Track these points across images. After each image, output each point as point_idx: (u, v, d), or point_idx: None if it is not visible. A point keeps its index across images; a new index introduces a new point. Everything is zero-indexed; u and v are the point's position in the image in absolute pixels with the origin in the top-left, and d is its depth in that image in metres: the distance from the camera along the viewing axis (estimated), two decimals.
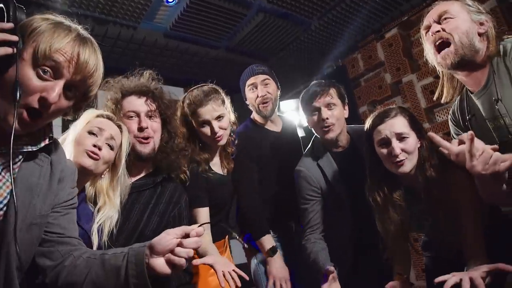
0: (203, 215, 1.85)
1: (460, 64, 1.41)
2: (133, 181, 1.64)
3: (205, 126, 1.89)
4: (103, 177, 1.48)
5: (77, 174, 1.18)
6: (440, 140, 1.30)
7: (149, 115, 1.68)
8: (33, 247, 0.98)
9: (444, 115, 3.57)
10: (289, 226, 2.26)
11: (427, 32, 1.51)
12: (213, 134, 1.88)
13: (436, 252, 1.81)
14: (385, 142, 1.60)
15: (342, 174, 1.99)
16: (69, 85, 0.94)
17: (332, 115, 1.93)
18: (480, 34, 1.42)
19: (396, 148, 1.55)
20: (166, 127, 1.76)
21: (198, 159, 1.91)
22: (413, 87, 3.85)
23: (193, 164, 1.90)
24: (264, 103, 2.24)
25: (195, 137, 1.95)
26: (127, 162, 1.54)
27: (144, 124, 1.64)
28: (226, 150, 2.08)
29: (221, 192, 2.02)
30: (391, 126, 1.59)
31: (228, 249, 2.18)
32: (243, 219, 2.11)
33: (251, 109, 2.36)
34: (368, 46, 4.31)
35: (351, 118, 2.09)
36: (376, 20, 4.03)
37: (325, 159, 2.02)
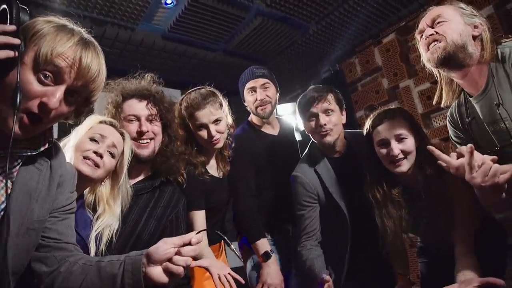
0: (199, 218, 1.84)
1: (447, 60, 1.41)
2: (131, 184, 1.63)
3: (202, 130, 1.89)
4: (103, 184, 1.46)
5: (77, 179, 1.17)
6: (439, 153, 1.31)
7: (150, 119, 1.67)
8: (29, 252, 0.97)
9: (441, 120, 3.58)
10: (286, 229, 2.25)
11: (422, 36, 1.52)
12: (210, 138, 1.87)
13: (431, 252, 1.83)
14: (384, 142, 1.64)
15: (339, 180, 1.98)
16: (70, 90, 0.92)
17: (329, 121, 1.91)
18: (475, 37, 1.43)
19: (395, 148, 1.60)
20: (167, 131, 1.76)
21: (194, 162, 1.90)
22: (410, 93, 3.86)
23: (190, 166, 1.89)
24: (262, 106, 2.24)
25: (191, 140, 1.95)
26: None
27: (144, 128, 1.63)
28: (222, 153, 2.08)
29: (217, 195, 2.01)
30: (390, 127, 1.64)
31: (224, 253, 2.17)
32: (239, 222, 2.11)
33: (249, 111, 2.36)
34: (365, 51, 4.32)
35: (348, 122, 2.08)
36: (373, 25, 4.04)
37: (322, 165, 2.01)
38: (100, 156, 1.37)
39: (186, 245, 0.96)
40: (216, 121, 1.89)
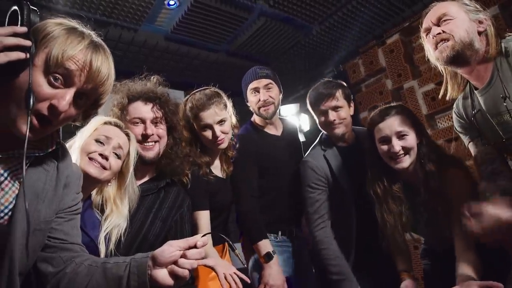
0: (204, 218, 1.84)
1: (456, 58, 1.42)
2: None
3: (207, 130, 1.89)
4: (109, 184, 1.46)
5: (83, 181, 1.16)
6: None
7: (155, 122, 1.67)
8: (35, 252, 0.97)
9: (446, 121, 3.55)
10: (289, 230, 2.24)
11: (427, 34, 1.53)
12: (214, 138, 1.87)
13: (435, 254, 1.83)
14: (385, 139, 1.67)
15: (347, 168, 2.04)
16: (79, 93, 0.92)
17: (338, 116, 2.01)
18: (480, 33, 1.44)
19: (396, 145, 1.63)
20: (172, 133, 1.76)
21: (199, 162, 1.90)
22: (414, 93, 3.84)
23: (194, 167, 1.89)
24: (265, 107, 2.24)
25: (196, 140, 1.95)
26: None
27: (149, 131, 1.62)
28: (226, 154, 2.08)
29: (221, 195, 2.01)
30: (391, 124, 1.67)
31: (228, 254, 2.16)
32: (241, 222, 2.10)
33: (252, 111, 2.35)
34: (369, 51, 4.30)
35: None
36: (377, 26, 4.04)
37: (331, 151, 2.09)
38: (106, 158, 1.37)
39: (191, 248, 0.96)
40: (221, 122, 1.89)
